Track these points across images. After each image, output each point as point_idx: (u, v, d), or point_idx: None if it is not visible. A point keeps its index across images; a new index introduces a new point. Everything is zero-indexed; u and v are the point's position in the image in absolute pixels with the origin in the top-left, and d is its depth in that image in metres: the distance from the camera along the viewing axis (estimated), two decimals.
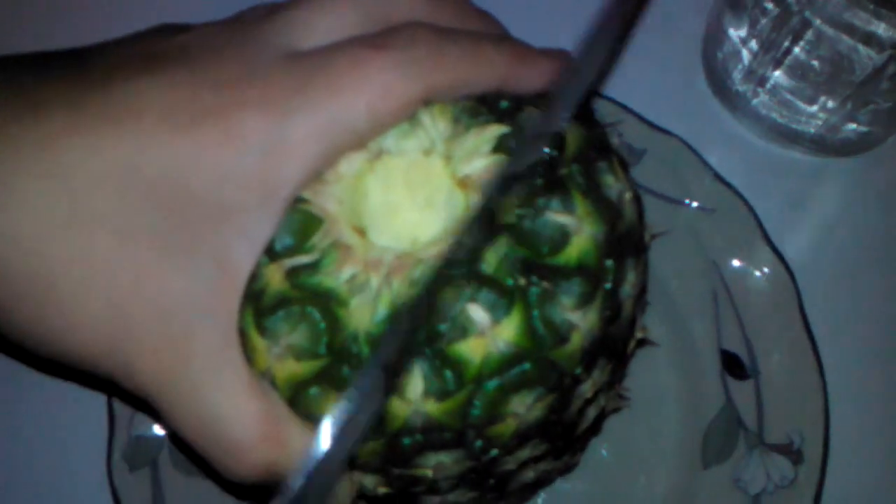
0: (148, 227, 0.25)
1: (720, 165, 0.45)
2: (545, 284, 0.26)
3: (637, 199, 0.30)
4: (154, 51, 0.27)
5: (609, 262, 0.28)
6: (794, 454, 0.41)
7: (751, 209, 0.44)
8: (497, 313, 0.26)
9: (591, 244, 0.27)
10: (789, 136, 0.47)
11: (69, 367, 0.27)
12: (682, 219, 0.44)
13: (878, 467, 0.44)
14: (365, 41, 0.26)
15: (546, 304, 0.26)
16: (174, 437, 0.28)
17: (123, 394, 0.28)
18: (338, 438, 0.25)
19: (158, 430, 0.43)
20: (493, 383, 0.26)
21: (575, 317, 0.27)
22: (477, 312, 0.26)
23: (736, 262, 0.44)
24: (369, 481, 0.29)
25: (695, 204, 0.44)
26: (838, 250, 0.47)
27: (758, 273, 0.44)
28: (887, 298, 0.46)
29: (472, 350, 0.26)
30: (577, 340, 0.27)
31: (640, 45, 0.50)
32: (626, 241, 0.29)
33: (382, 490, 0.29)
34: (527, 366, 0.26)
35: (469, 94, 0.28)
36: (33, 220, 0.25)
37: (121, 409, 0.43)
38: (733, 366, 0.44)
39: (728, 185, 0.44)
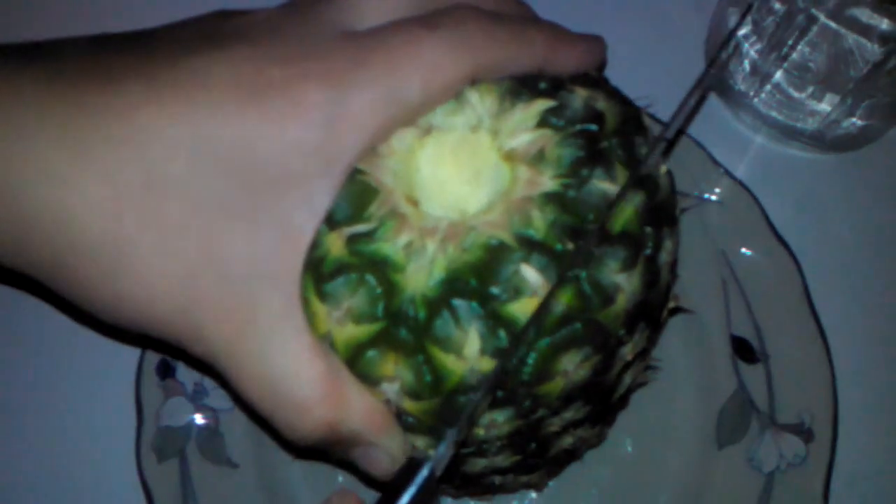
0: (217, 194, 0.26)
1: (722, 161, 0.46)
2: (593, 248, 0.28)
3: (670, 173, 0.32)
4: (218, 31, 0.28)
5: (648, 230, 0.29)
6: (804, 433, 0.43)
7: (756, 201, 0.46)
8: (548, 274, 0.27)
9: (632, 212, 0.29)
10: (790, 133, 0.49)
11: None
12: (691, 210, 0.46)
13: (886, 443, 0.45)
14: (418, 21, 0.28)
15: (594, 267, 0.28)
16: (240, 401, 0.29)
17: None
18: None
19: (185, 420, 0.44)
20: (545, 341, 0.28)
21: (620, 279, 0.28)
22: (530, 274, 0.27)
23: (744, 252, 0.46)
24: (421, 442, 0.30)
25: (703, 196, 0.46)
26: (840, 241, 0.49)
27: (765, 261, 0.45)
28: (887, 286, 0.48)
29: (525, 310, 0.27)
30: (621, 302, 0.28)
31: (645, 43, 0.52)
32: (662, 212, 0.30)
33: (433, 452, 0.30)
34: (577, 325, 0.28)
35: (512, 74, 0.29)
36: (111, 185, 0.26)
37: (148, 398, 0.44)
38: (744, 350, 0.45)
39: (735, 178, 0.46)
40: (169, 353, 0.43)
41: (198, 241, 0.27)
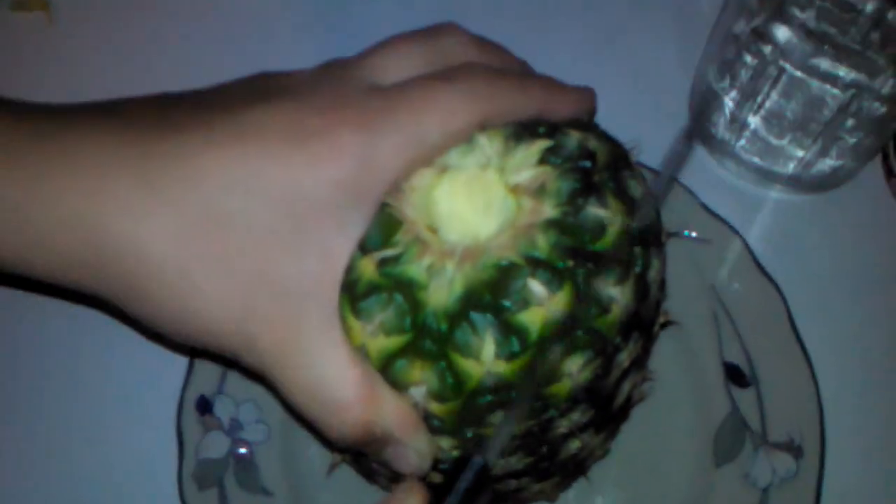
0: (268, 224, 0.31)
1: (710, 204, 0.50)
2: (590, 266, 0.32)
3: (655, 201, 0.36)
4: (266, 87, 0.33)
5: (637, 249, 0.34)
6: (795, 450, 0.46)
7: (742, 239, 0.50)
8: (552, 288, 0.31)
9: (619, 235, 0.33)
10: (770, 177, 0.53)
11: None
12: (682, 248, 0.49)
13: (872, 457, 0.48)
14: (434, 76, 0.33)
15: (590, 281, 0.32)
16: (288, 406, 0.33)
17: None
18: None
19: (223, 452, 0.47)
20: (551, 348, 0.32)
21: (614, 291, 0.32)
22: (536, 287, 0.31)
23: (732, 285, 0.50)
24: (445, 443, 0.33)
25: (693, 234, 0.51)
26: (820, 273, 0.53)
27: (752, 294, 0.49)
28: (864, 314, 0.52)
29: (532, 318, 0.31)
30: (616, 312, 0.33)
31: (632, 97, 0.56)
32: (649, 234, 0.35)
33: (456, 453, 0.34)
34: (578, 333, 0.32)
35: (515, 121, 0.34)
36: (178, 218, 0.30)
37: (189, 433, 0.47)
38: (736, 376, 0.48)
39: (721, 218, 0.50)
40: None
41: (252, 265, 0.31)
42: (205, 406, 0.48)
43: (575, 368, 0.32)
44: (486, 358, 0.31)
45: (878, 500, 0.48)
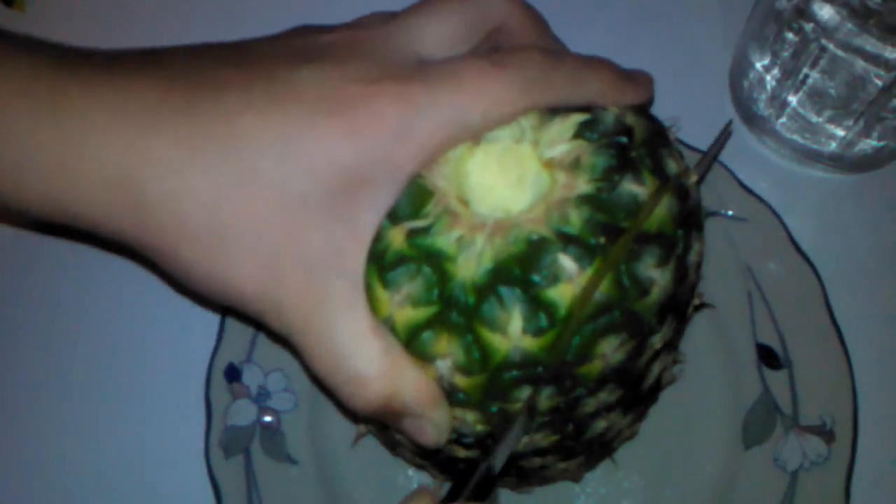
0: (299, 191, 0.30)
1: (749, 182, 0.50)
2: (633, 246, 0.31)
3: (697, 185, 0.35)
4: (306, 46, 0.33)
5: (680, 232, 0.33)
6: (826, 434, 0.45)
7: (779, 218, 0.49)
8: (583, 264, 0.31)
9: (667, 215, 0.32)
10: (810, 155, 0.52)
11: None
12: (718, 227, 0.49)
13: None
14: (487, 59, 0.32)
15: (632, 262, 0.32)
16: (311, 373, 0.33)
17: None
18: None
19: (250, 420, 0.48)
20: (588, 327, 0.31)
21: (655, 274, 0.32)
22: (566, 263, 0.31)
23: (767, 265, 0.49)
24: (470, 417, 0.33)
25: (730, 213, 0.50)
26: (858, 255, 0.52)
27: (788, 275, 0.48)
28: None
29: (562, 294, 0.31)
30: (655, 294, 0.32)
31: (674, 76, 0.55)
32: (692, 217, 0.34)
33: (479, 427, 0.34)
34: (616, 314, 0.32)
35: None
36: (212, 179, 0.30)
37: (217, 400, 0.47)
38: (768, 357, 0.48)
39: (758, 197, 0.49)
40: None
41: (282, 231, 0.31)
42: (233, 374, 0.48)
43: (609, 350, 0.32)
44: (513, 333, 0.31)
45: None
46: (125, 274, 0.51)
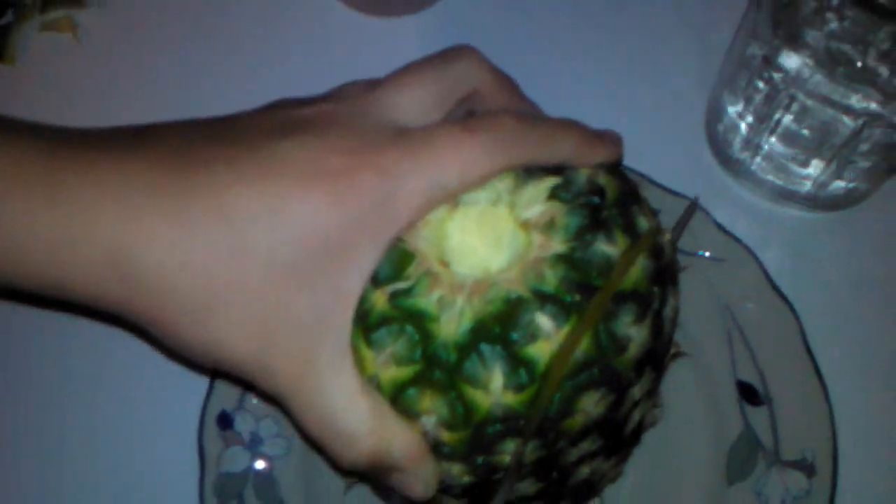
0: (288, 260, 0.32)
1: (726, 222, 0.51)
2: (609, 306, 0.33)
3: (673, 241, 0.37)
4: (288, 119, 0.34)
5: (656, 289, 0.34)
6: (807, 468, 0.46)
7: (756, 258, 0.50)
8: (559, 321, 0.32)
9: (642, 274, 0.34)
10: (785, 195, 0.54)
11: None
12: (696, 268, 0.50)
13: (883, 474, 0.49)
14: (460, 124, 0.33)
15: (610, 321, 0.33)
16: (302, 431, 0.34)
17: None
18: None
19: (243, 466, 0.48)
20: (569, 384, 0.33)
21: (632, 331, 0.33)
22: (544, 321, 0.32)
23: (746, 305, 0.50)
24: (456, 469, 0.34)
25: (707, 254, 0.51)
26: (835, 292, 0.53)
27: (766, 314, 0.49)
28: (879, 332, 0.52)
29: (540, 351, 0.32)
30: (633, 350, 0.33)
31: (652, 121, 0.57)
32: (666, 273, 0.35)
33: (466, 478, 0.35)
34: (595, 370, 0.33)
35: None
36: (204, 251, 0.31)
37: (210, 447, 0.48)
38: (749, 394, 0.49)
39: (735, 238, 0.51)
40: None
41: (271, 299, 0.32)
42: (226, 421, 0.49)
43: (590, 405, 0.33)
44: (494, 389, 0.32)
45: None
46: (115, 339, 0.51)
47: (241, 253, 0.31)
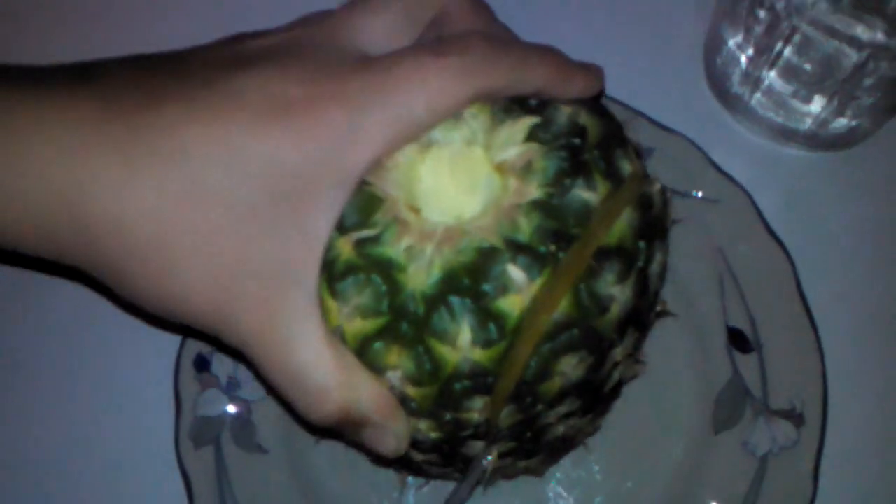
0: (248, 202, 0.30)
1: (722, 161, 0.49)
2: (591, 263, 0.31)
3: (664, 191, 0.35)
4: (244, 52, 0.32)
5: (642, 244, 0.32)
6: (796, 418, 0.45)
7: (751, 199, 0.48)
8: (532, 274, 0.30)
9: (628, 228, 0.32)
10: (785, 134, 0.52)
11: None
12: (689, 209, 0.48)
13: (873, 425, 0.48)
14: (427, 49, 0.31)
15: (591, 280, 0.31)
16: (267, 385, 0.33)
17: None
18: None
19: (219, 410, 0.47)
20: (546, 346, 0.31)
21: (615, 290, 0.31)
22: (516, 273, 0.30)
23: (739, 247, 0.48)
24: (423, 425, 0.33)
25: (700, 195, 0.49)
26: (831, 235, 0.51)
27: (759, 257, 0.48)
28: (875, 277, 0.50)
29: (511, 305, 0.30)
30: (615, 311, 0.31)
31: (647, 53, 0.54)
32: (654, 227, 0.33)
33: (434, 434, 0.33)
34: (574, 332, 0.31)
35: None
36: (158, 195, 0.29)
37: (186, 390, 0.47)
38: (739, 341, 0.47)
39: (730, 178, 0.49)
40: (207, 342, 0.47)
41: (232, 245, 0.30)
42: (202, 364, 0.48)
43: (569, 368, 0.31)
44: (462, 344, 0.30)
45: (877, 469, 0.47)
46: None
47: (196, 196, 0.29)
